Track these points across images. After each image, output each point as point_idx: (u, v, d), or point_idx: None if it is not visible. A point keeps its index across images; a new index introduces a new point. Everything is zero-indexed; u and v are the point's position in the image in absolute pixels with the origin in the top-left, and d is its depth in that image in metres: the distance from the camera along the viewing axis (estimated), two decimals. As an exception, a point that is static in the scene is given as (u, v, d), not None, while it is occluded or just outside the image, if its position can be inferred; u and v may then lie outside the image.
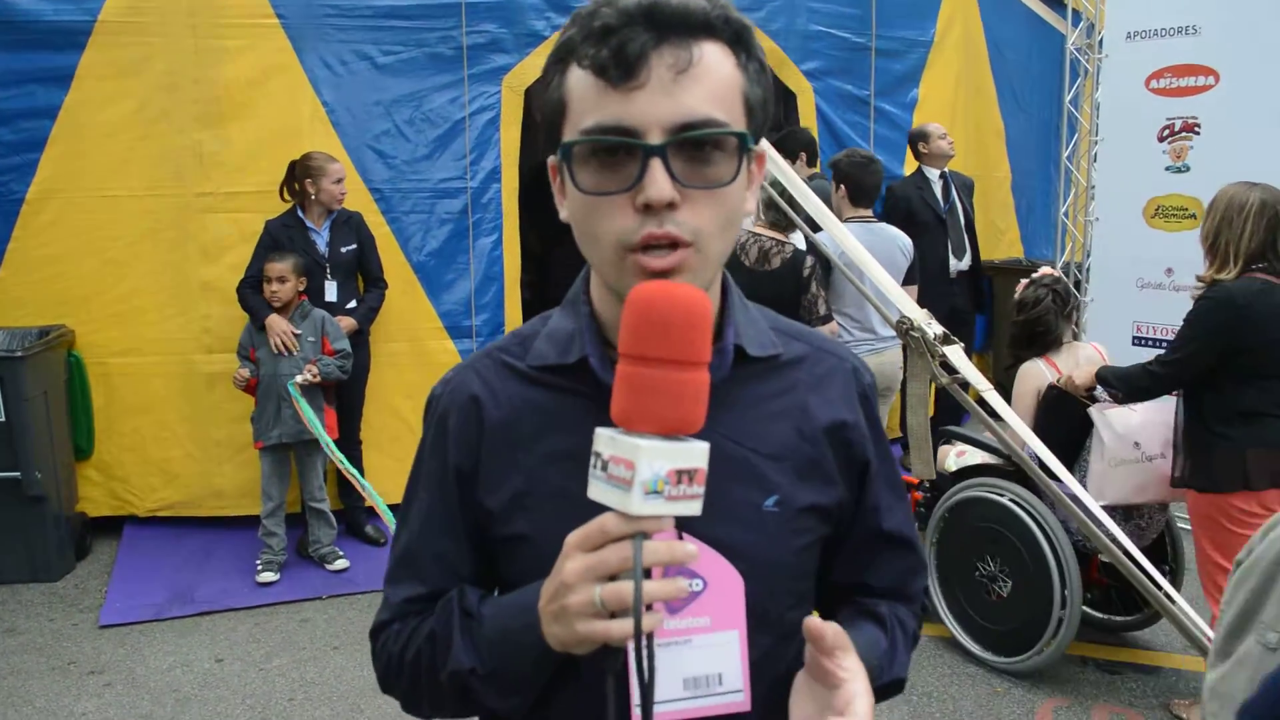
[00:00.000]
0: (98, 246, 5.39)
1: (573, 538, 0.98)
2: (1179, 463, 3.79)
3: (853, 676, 1.07)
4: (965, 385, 2.64)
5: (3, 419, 4.94)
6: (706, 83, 1.01)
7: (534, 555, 1.12)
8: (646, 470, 0.91)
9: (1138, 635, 4.51)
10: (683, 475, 0.93)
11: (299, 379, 4.88)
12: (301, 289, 5.08)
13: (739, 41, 1.05)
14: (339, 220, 5.29)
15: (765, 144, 1.17)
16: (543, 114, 1.10)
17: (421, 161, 5.72)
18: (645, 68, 0.99)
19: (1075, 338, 4.38)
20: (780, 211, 4.56)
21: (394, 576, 1.28)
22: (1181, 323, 3.71)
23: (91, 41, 5.27)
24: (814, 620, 1.08)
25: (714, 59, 1.02)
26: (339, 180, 5.19)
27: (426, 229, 5.76)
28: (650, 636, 0.96)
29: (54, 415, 5.20)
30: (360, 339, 5.39)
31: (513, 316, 5.95)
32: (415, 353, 5.72)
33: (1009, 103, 7.71)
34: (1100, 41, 6.41)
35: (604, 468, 0.95)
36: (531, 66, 5.84)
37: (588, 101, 1.02)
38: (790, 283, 4.57)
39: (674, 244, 1.02)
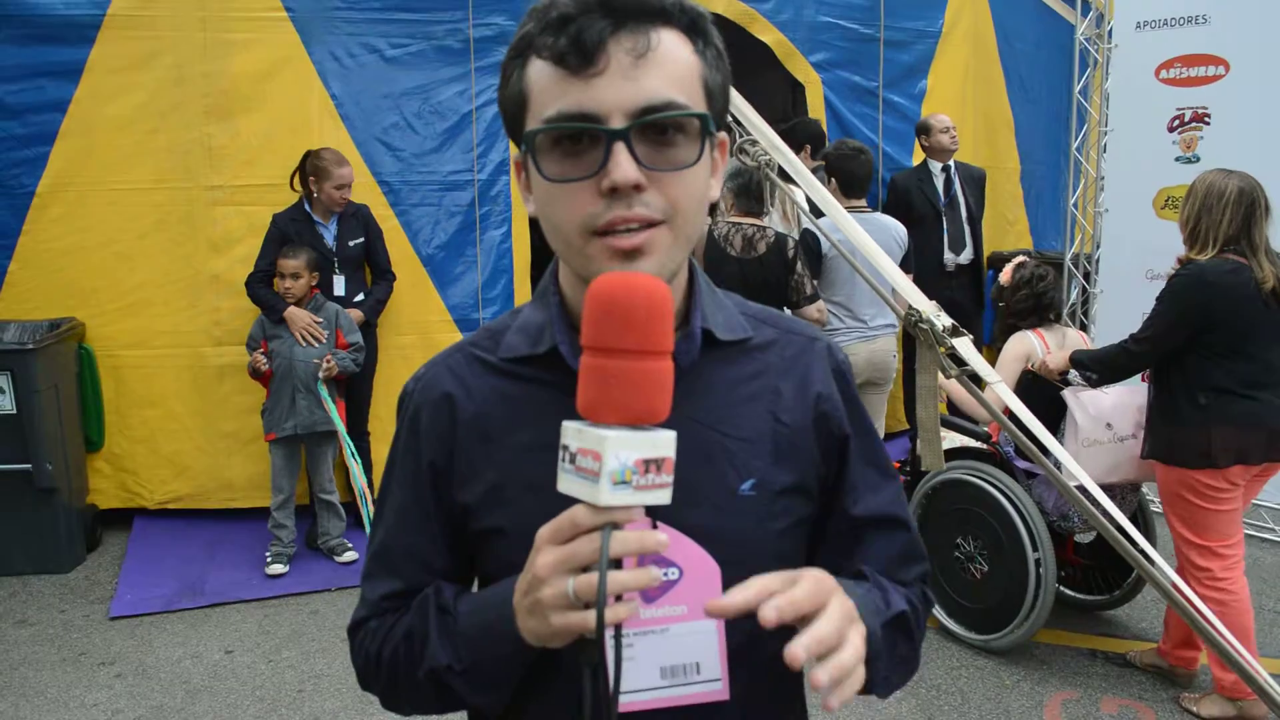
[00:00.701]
0: (108, 239, 5.41)
1: (544, 531, 0.98)
2: (1148, 437, 3.89)
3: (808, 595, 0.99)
4: (975, 377, 2.64)
5: (14, 411, 4.97)
6: (666, 67, 1.02)
7: (511, 548, 1.11)
8: (613, 461, 0.91)
9: (1148, 629, 4.51)
10: (650, 464, 0.93)
11: (320, 374, 4.91)
12: (314, 284, 5.09)
13: (695, 28, 1.06)
14: (346, 214, 5.29)
15: (766, 128, 1.16)
16: (505, 111, 1.10)
17: (430, 154, 5.72)
18: (604, 54, 1.00)
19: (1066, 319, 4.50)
20: (752, 198, 4.79)
21: (370, 573, 1.28)
22: (1155, 301, 3.80)
23: (101, 35, 5.28)
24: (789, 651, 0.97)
25: (671, 44, 1.03)
26: (342, 186, 5.16)
27: (435, 221, 5.76)
28: (619, 627, 0.95)
29: (65, 408, 5.22)
30: (367, 331, 5.40)
31: (522, 309, 5.94)
32: (424, 345, 5.73)
33: (1017, 93, 7.68)
34: (1109, 31, 6.38)
35: (572, 460, 0.95)
36: (539, 58, 5.84)
37: (549, 91, 1.03)
38: (778, 266, 4.67)
39: (644, 224, 1.02)
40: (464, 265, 5.83)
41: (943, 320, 2.41)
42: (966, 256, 6.51)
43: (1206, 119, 5.73)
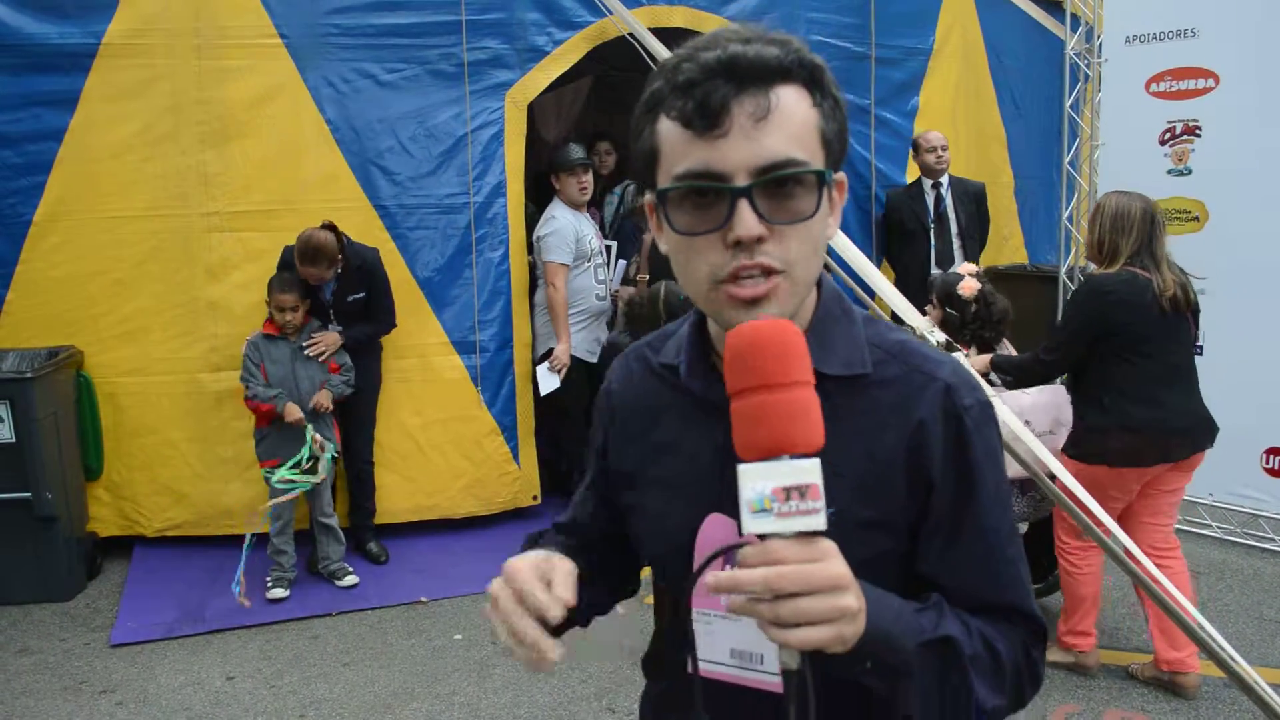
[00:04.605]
0: (104, 267, 5.41)
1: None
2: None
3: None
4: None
5: (13, 440, 4.97)
6: (785, 126, 1.09)
7: (641, 525, 1.36)
8: (749, 491, 0.98)
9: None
10: (791, 492, 0.97)
11: (319, 400, 4.99)
12: (305, 309, 5.13)
13: (813, 81, 1.13)
14: (351, 266, 5.21)
15: None
16: (636, 160, 1.20)
17: (426, 177, 5.74)
18: (727, 117, 1.07)
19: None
20: None
21: (569, 504, 1.55)
22: (1059, 314, 4.08)
23: (96, 64, 5.30)
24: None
25: (790, 102, 1.10)
26: (309, 268, 5.03)
27: (431, 245, 5.77)
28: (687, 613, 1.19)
29: (63, 436, 5.22)
30: (373, 357, 5.45)
31: (521, 331, 5.96)
32: (422, 369, 5.74)
33: (1009, 108, 7.72)
34: (1099, 46, 6.42)
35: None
36: (534, 82, 5.88)
37: (677, 150, 1.11)
38: None
39: (765, 272, 1.10)
40: (460, 288, 5.84)
41: (936, 337, 2.43)
42: None
43: (1198, 131, 5.76)
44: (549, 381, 5.83)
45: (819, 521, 0.98)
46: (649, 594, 5.12)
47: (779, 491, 0.97)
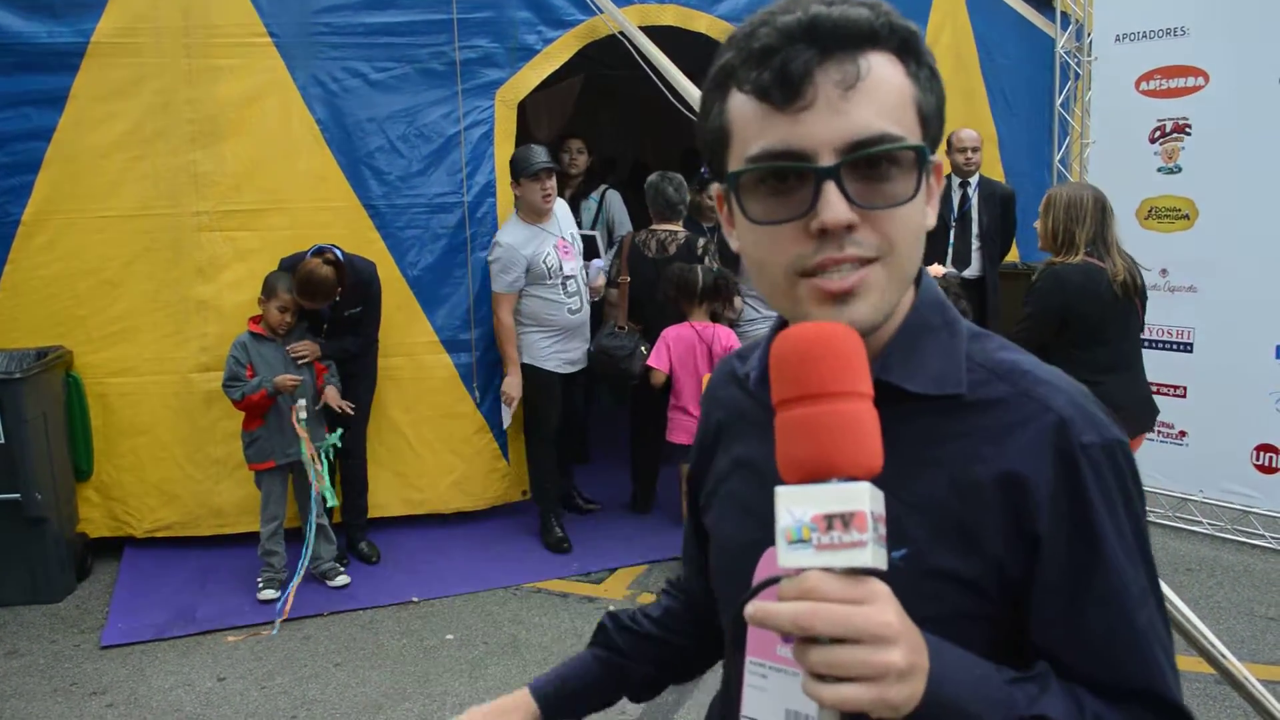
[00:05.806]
0: (94, 267, 5.39)
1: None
2: None
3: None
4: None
5: (2, 441, 4.94)
6: (877, 96, 0.94)
7: (715, 547, 1.22)
8: (786, 517, 0.83)
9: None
10: (834, 520, 0.82)
11: (335, 402, 5.04)
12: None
13: (907, 49, 0.98)
14: (350, 281, 5.15)
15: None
16: (704, 143, 1.04)
17: (416, 177, 5.73)
18: (810, 86, 0.92)
19: None
20: (670, 206, 5.85)
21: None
22: (1023, 304, 4.30)
23: (85, 63, 5.28)
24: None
25: (882, 70, 0.95)
26: (304, 300, 4.96)
27: (422, 244, 5.77)
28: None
29: (53, 436, 5.20)
30: (369, 356, 5.47)
31: (510, 330, 5.95)
32: (413, 367, 5.74)
33: (1000, 107, 7.72)
34: (1089, 44, 6.44)
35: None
36: (524, 80, 5.87)
37: (752, 127, 0.96)
38: (688, 262, 5.52)
39: (858, 262, 0.95)
40: (451, 287, 5.83)
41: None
42: (971, 272, 6.56)
43: (1187, 129, 5.78)
44: (503, 414, 5.73)
45: (864, 557, 0.81)
46: (643, 592, 5.13)
47: (819, 519, 0.82)
